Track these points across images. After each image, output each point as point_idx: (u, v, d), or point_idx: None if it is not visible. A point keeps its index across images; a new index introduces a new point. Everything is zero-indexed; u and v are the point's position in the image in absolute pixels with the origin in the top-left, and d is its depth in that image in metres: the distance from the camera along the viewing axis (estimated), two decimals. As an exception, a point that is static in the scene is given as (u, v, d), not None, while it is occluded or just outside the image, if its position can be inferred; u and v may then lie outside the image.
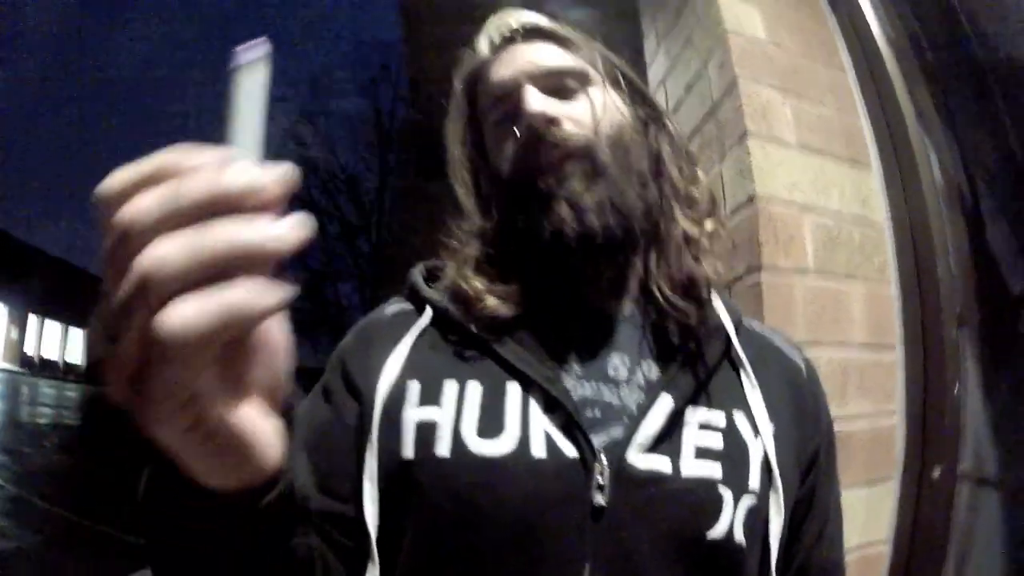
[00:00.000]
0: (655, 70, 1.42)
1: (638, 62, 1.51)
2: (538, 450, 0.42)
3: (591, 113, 0.51)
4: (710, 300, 0.51)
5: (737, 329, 0.51)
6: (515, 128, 0.51)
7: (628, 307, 0.52)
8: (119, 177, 0.22)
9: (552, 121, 0.50)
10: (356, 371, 0.49)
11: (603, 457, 0.42)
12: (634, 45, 1.57)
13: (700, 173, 0.57)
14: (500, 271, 0.51)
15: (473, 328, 0.48)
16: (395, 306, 0.55)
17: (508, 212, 0.52)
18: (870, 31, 1.22)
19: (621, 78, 0.56)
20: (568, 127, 0.50)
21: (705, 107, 1.15)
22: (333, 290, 10.78)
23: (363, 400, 0.47)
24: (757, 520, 0.44)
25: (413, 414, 0.44)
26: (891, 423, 1.02)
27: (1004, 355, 1.07)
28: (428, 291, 0.53)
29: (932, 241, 1.08)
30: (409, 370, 0.47)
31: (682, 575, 0.41)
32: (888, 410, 1.03)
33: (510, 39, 0.56)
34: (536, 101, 0.50)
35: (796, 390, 0.52)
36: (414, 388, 0.46)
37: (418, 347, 0.49)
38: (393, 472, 0.43)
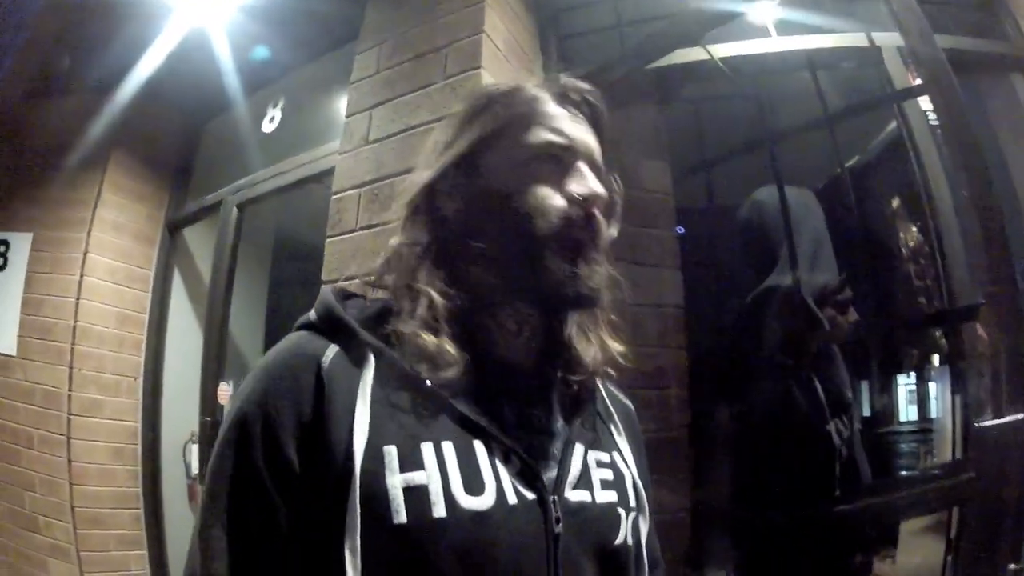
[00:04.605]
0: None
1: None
2: (511, 498, 0.48)
3: (612, 213, 0.60)
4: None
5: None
6: (572, 191, 0.56)
7: (538, 366, 0.58)
8: None
9: (600, 208, 0.57)
10: (309, 440, 0.47)
11: (554, 496, 0.51)
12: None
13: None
14: (453, 323, 0.53)
15: (429, 384, 0.50)
16: (324, 347, 0.52)
17: (505, 249, 0.55)
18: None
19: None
20: (601, 220, 0.57)
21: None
22: None
23: (328, 473, 0.46)
24: (635, 528, 0.57)
25: (397, 480, 0.45)
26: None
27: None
28: (374, 341, 0.52)
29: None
30: (378, 434, 0.47)
31: (599, 574, 0.53)
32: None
33: (577, 104, 0.60)
34: (598, 185, 0.57)
35: (632, 427, 0.67)
36: (391, 453, 0.46)
37: (375, 407, 0.48)
38: (379, 540, 0.44)
